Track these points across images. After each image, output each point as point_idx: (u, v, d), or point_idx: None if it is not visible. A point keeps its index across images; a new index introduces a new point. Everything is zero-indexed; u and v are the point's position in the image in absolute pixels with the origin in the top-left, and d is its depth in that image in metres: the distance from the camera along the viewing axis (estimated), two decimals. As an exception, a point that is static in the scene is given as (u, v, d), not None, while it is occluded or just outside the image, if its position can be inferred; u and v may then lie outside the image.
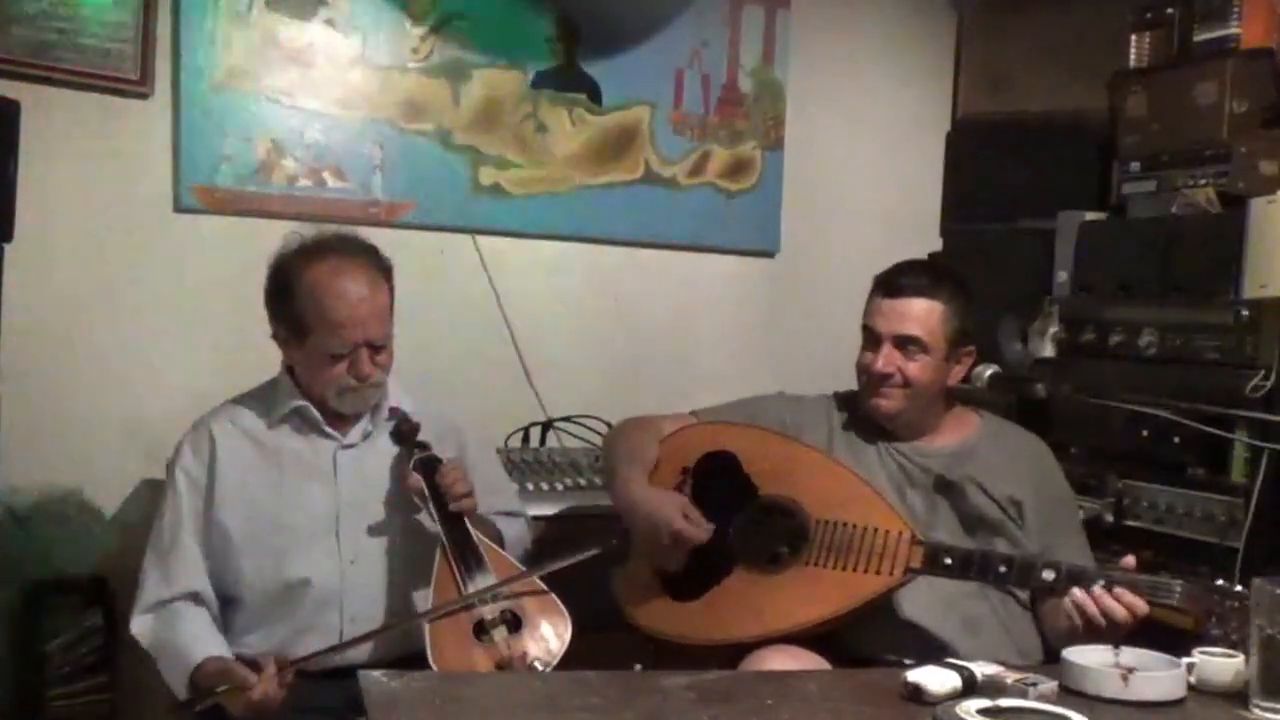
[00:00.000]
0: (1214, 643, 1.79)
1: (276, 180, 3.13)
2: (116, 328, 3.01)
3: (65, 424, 2.94)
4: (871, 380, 2.28)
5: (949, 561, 2.04)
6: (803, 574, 2.14)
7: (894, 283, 2.28)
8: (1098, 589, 1.90)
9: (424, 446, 2.21)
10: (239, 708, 1.97)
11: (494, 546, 2.18)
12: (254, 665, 1.99)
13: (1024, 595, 2.23)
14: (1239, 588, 1.78)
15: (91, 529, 2.98)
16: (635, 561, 2.30)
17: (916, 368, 2.25)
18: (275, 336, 2.23)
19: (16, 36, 2.82)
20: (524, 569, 2.18)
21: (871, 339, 2.29)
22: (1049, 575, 1.96)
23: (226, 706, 1.99)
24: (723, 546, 2.21)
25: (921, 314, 2.25)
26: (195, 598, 2.15)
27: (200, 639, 2.09)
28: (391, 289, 2.23)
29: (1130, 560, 1.99)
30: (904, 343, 2.25)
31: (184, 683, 2.05)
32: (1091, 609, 1.88)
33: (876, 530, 2.10)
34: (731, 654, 2.09)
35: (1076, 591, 1.91)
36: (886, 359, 2.26)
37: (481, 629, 2.06)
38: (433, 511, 2.14)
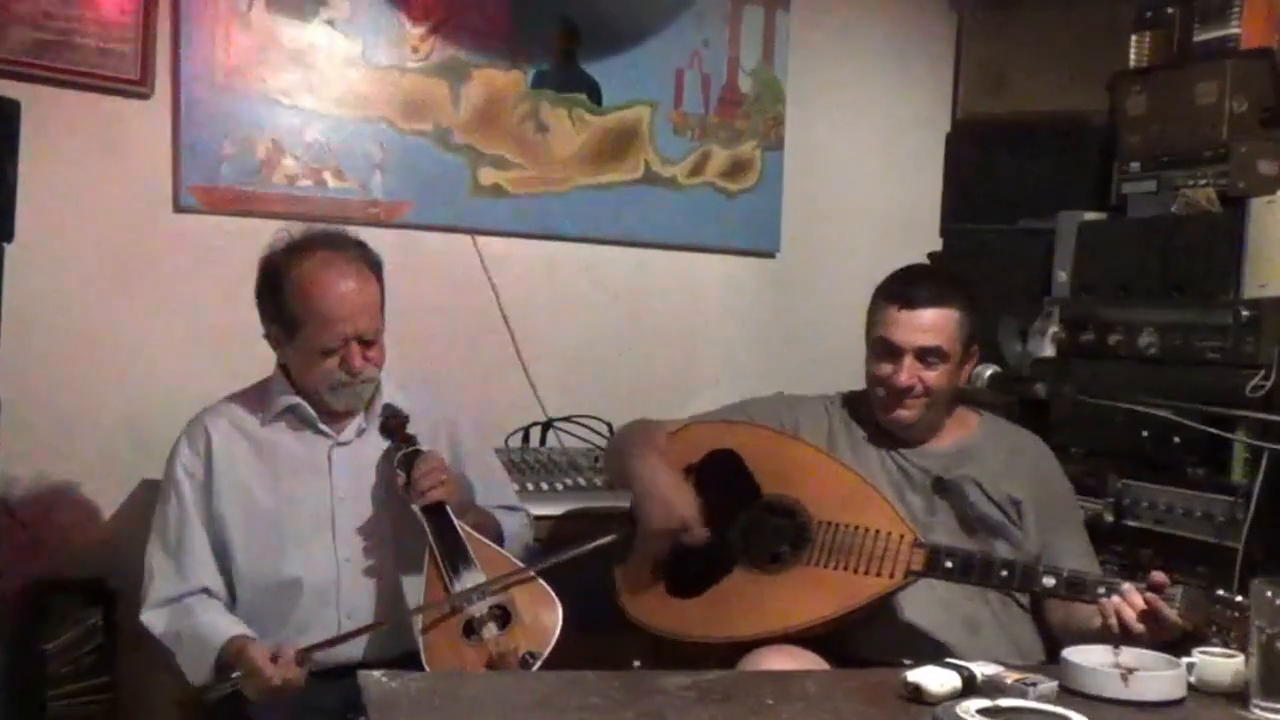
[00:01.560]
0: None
1: (276, 180, 3.13)
2: (116, 327, 3.01)
3: (65, 423, 2.94)
4: (892, 393, 2.25)
5: (950, 565, 2.04)
6: (803, 574, 2.14)
7: (909, 294, 2.25)
8: (1133, 590, 1.89)
9: (410, 440, 2.21)
10: (259, 693, 1.97)
11: (482, 540, 2.18)
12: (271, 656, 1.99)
13: (1024, 597, 2.22)
14: (1239, 598, 1.77)
15: (91, 529, 2.98)
16: (637, 557, 2.30)
17: (935, 376, 2.24)
18: (268, 336, 2.24)
19: (16, 36, 2.82)
20: (517, 563, 2.18)
21: (888, 351, 2.25)
22: (1050, 581, 1.96)
23: (245, 692, 1.99)
24: (724, 545, 2.21)
25: (940, 323, 2.24)
26: (207, 593, 2.16)
27: (221, 623, 2.10)
28: (381, 284, 2.23)
29: (1160, 576, 1.94)
30: (924, 354, 2.23)
31: (209, 665, 2.05)
32: (1128, 613, 1.88)
33: (878, 532, 2.10)
34: (730, 652, 2.09)
35: (1114, 598, 1.90)
36: (910, 372, 2.23)
37: (471, 628, 2.07)
38: (418, 509, 2.14)
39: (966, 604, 2.17)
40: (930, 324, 2.24)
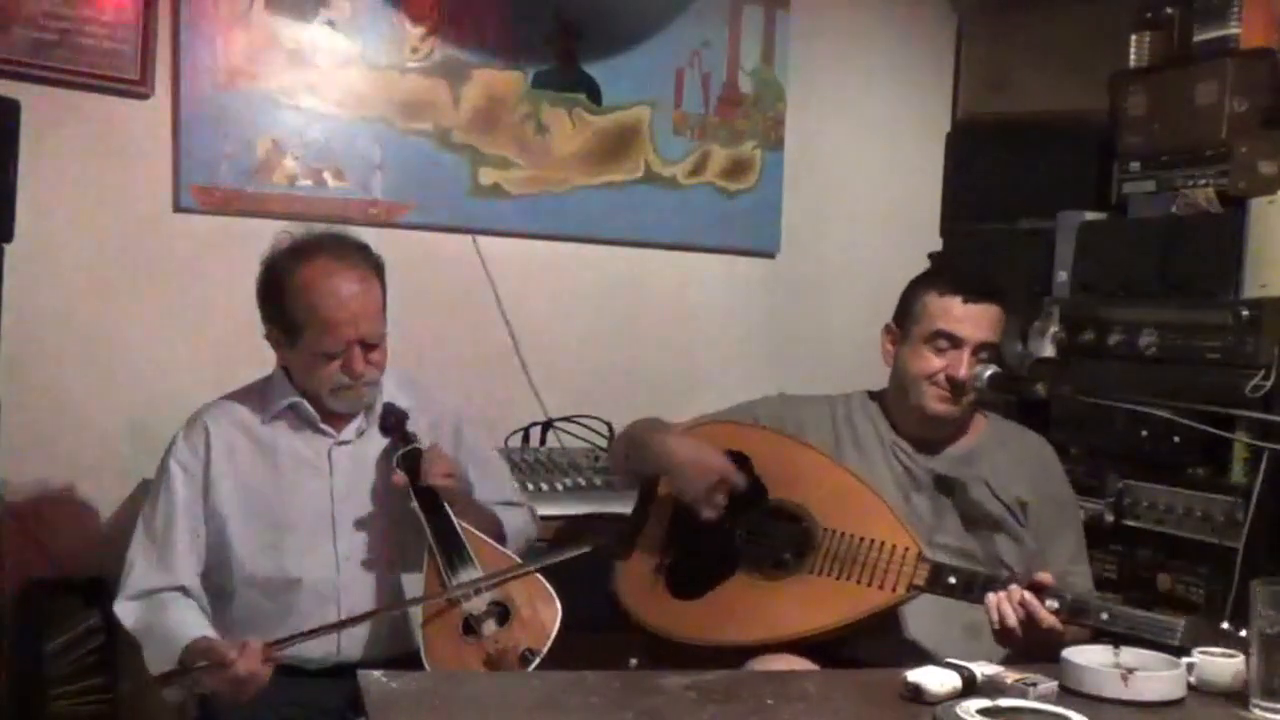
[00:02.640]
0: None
1: (276, 180, 3.13)
2: (116, 327, 3.01)
3: (65, 423, 2.95)
4: (953, 387, 2.20)
5: (952, 581, 2.01)
6: (805, 582, 2.12)
7: (971, 286, 2.21)
8: (1004, 600, 1.91)
9: (409, 439, 2.21)
10: (222, 684, 1.94)
11: (483, 538, 2.17)
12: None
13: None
14: (1243, 632, 1.74)
15: (91, 529, 2.98)
16: (639, 557, 2.29)
17: (981, 372, 2.21)
18: (268, 337, 2.23)
19: (17, 36, 2.83)
20: (516, 560, 2.18)
21: (948, 344, 2.20)
22: (1052, 605, 1.93)
23: (209, 684, 1.96)
24: (728, 547, 2.20)
25: (998, 319, 2.22)
26: (185, 591, 2.14)
27: (189, 623, 2.08)
28: (384, 286, 2.23)
29: (1042, 577, 1.96)
30: (982, 348, 2.20)
31: (171, 661, 2.02)
32: (994, 615, 1.91)
33: (883, 544, 2.07)
34: (729, 657, 2.07)
35: (990, 596, 1.93)
36: (969, 366, 2.19)
37: (469, 626, 2.07)
38: (416, 507, 2.14)
39: (968, 610, 2.13)
40: (991, 319, 2.21)
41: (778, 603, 2.12)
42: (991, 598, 1.93)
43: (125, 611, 2.13)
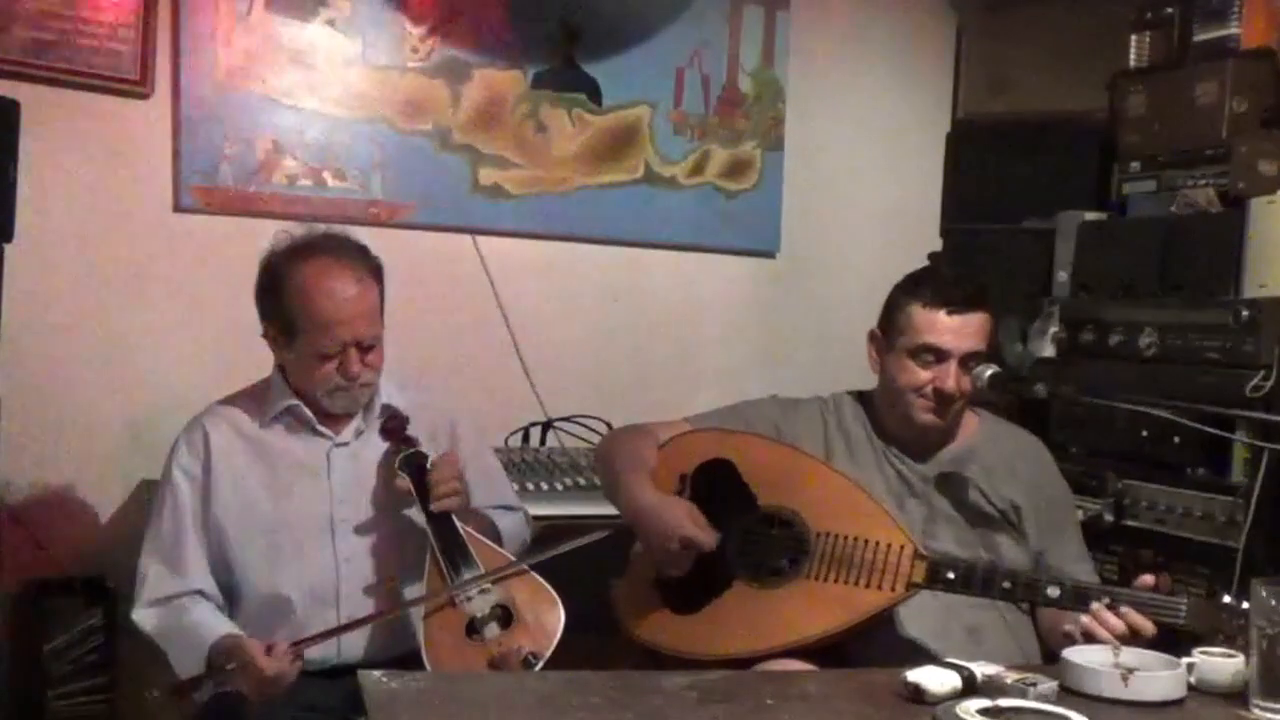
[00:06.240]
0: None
1: (276, 180, 3.13)
2: (116, 327, 3.01)
3: (65, 423, 2.95)
4: (939, 399, 2.19)
5: (951, 576, 2.00)
6: (803, 588, 2.10)
7: (954, 298, 2.19)
8: (1104, 610, 1.88)
9: (411, 442, 2.21)
10: (249, 684, 1.96)
11: (485, 542, 2.17)
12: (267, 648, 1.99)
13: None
14: (1245, 604, 1.75)
15: (91, 529, 2.98)
16: (635, 573, 2.27)
17: (969, 380, 2.19)
18: (266, 336, 2.23)
19: (16, 36, 2.83)
20: (514, 560, 2.18)
21: (934, 357, 2.19)
22: (1054, 592, 1.93)
23: (237, 684, 1.98)
24: (722, 558, 2.17)
25: (984, 327, 2.21)
26: (201, 594, 2.15)
27: (212, 622, 2.09)
28: (381, 288, 2.22)
29: (1148, 579, 1.94)
30: (969, 358, 2.19)
31: (201, 660, 2.03)
32: (1102, 634, 1.86)
33: (878, 543, 2.06)
34: (734, 669, 2.06)
35: (1084, 619, 1.89)
36: (956, 378, 2.17)
37: (473, 628, 2.06)
38: (419, 510, 2.14)
39: (968, 611, 2.13)
40: (977, 328, 2.20)
41: (777, 611, 2.10)
42: (1089, 620, 1.88)
43: (144, 618, 2.13)
